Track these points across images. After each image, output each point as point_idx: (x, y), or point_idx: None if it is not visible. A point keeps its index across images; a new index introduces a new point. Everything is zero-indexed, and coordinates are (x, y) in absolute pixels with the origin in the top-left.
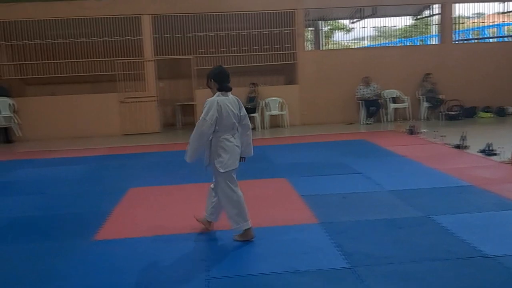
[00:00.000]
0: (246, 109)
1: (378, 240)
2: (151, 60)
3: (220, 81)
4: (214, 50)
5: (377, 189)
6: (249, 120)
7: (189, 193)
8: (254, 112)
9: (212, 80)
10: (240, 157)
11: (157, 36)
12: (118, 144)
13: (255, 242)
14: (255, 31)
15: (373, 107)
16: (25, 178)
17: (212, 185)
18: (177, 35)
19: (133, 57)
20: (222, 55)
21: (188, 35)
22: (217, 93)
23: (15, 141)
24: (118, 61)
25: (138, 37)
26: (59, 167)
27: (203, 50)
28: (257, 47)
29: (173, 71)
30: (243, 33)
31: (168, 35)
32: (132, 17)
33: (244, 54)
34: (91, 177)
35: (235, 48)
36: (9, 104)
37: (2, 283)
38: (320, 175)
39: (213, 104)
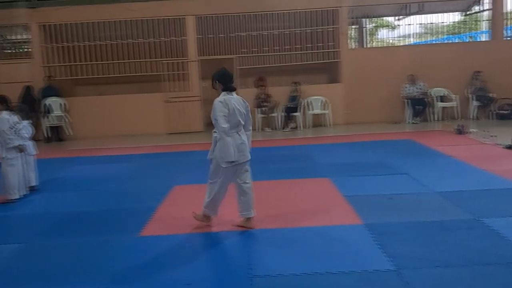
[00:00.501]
0: (289, 108)
1: (425, 243)
2: (195, 61)
3: (224, 82)
4: (256, 49)
5: (424, 190)
6: (251, 121)
7: (232, 191)
8: (296, 111)
9: (217, 81)
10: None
11: (200, 36)
12: (163, 143)
13: (298, 241)
14: (298, 30)
15: (420, 106)
16: (75, 175)
17: (239, 180)
18: (220, 35)
19: (177, 57)
20: (265, 54)
21: (231, 35)
22: (223, 93)
23: (66, 140)
24: (163, 61)
25: (182, 38)
26: (107, 164)
27: (245, 50)
28: (299, 46)
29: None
30: (286, 32)
31: (211, 36)
32: (177, 18)
33: (286, 53)
34: (138, 174)
35: (278, 47)
36: (61, 104)
37: (56, 272)
38: (364, 175)
39: (220, 103)
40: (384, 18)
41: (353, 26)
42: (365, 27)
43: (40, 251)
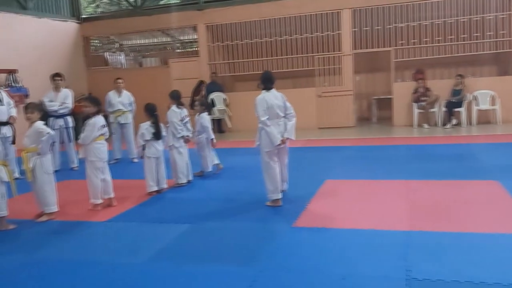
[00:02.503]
0: (451, 102)
1: None
2: (349, 54)
3: (265, 83)
4: (415, 41)
5: None
6: (293, 110)
7: (385, 189)
8: (460, 106)
9: (262, 83)
10: (286, 138)
11: (355, 29)
12: (314, 137)
13: (460, 247)
14: (464, 18)
15: None
16: (234, 165)
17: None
18: (376, 28)
19: (331, 52)
20: (424, 45)
21: (388, 26)
22: (263, 92)
23: (226, 131)
24: (316, 56)
25: (337, 32)
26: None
27: (403, 42)
28: (465, 35)
29: (370, 64)
30: (450, 21)
31: (367, 28)
32: (332, 12)
33: (448, 43)
34: (290, 167)
35: (440, 38)
36: (223, 99)
37: (217, 253)
38: None
39: (261, 100)
40: None
41: None
42: None
43: (204, 232)
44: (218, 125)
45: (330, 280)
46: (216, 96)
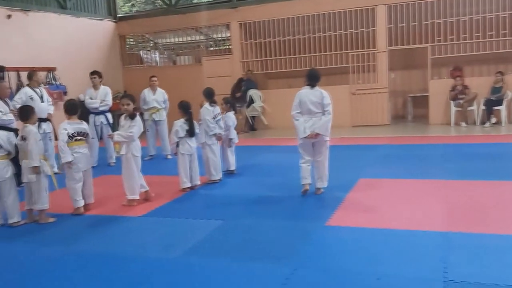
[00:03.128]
0: (490, 100)
1: None
2: (384, 51)
3: (308, 80)
4: (453, 37)
5: None
6: (330, 108)
7: (421, 189)
8: (500, 105)
9: (306, 80)
10: (315, 133)
11: (391, 26)
12: (348, 135)
13: (499, 249)
14: (504, 14)
15: None
16: (267, 162)
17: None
18: (412, 24)
19: (365, 48)
20: (462, 42)
21: (425, 22)
22: (303, 87)
23: (258, 129)
24: (351, 53)
25: (372, 28)
26: (295, 154)
27: (440, 38)
28: (506, 31)
29: (405, 61)
30: (490, 17)
31: (403, 24)
32: (367, 8)
33: (489, 39)
34: None
35: (479, 34)
36: (260, 96)
37: (249, 249)
38: None
39: (296, 95)
40: None
41: None
42: None
43: (237, 229)
44: (252, 123)
45: (364, 280)
46: (254, 92)
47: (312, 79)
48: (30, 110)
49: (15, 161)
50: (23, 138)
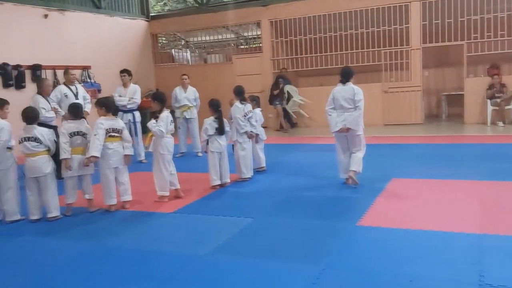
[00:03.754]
0: None
1: None
2: (418, 49)
3: (342, 76)
4: (490, 34)
5: None
6: (361, 104)
7: (455, 189)
8: None
9: (339, 77)
10: (346, 127)
11: (425, 23)
12: (380, 134)
13: None
14: None
15: None
16: (297, 160)
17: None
18: (448, 20)
19: (398, 46)
20: (500, 39)
21: (461, 19)
22: (338, 84)
23: (299, 126)
24: (383, 51)
25: (405, 25)
26: (325, 152)
27: (477, 35)
28: None
29: (440, 59)
30: None
31: (437, 21)
32: (400, 5)
33: None
34: None
35: None
36: (296, 91)
37: (279, 248)
38: None
39: (332, 92)
40: None
41: None
42: None
43: (267, 227)
44: (291, 122)
45: (396, 281)
46: (290, 88)
47: (344, 76)
48: (81, 107)
49: (54, 156)
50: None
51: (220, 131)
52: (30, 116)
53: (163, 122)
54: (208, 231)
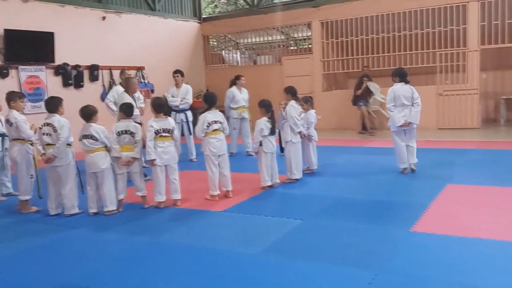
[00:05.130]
0: None
1: None
2: (476, 50)
3: (399, 76)
4: None
5: None
6: (419, 100)
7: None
8: None
9: (396, 77)
10: (408, 121)
11: (484, 23)
12: (434, 138)
13: None
14: None
15: None
16: (349, 163)
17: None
18: (508, 21)
19: (455, 47)
20: None
21: None
22: (395, 84)
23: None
24: (438, 52)
25: (462, 26)
26: (377, 156)
27: None
28: None
29: (499, 61)
30: None
31: (497, 22)
32: (457, 5)
33: None
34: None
35: None
36: (377, 88)
37: (328, 252)
38: None
39: (391, 91)
40: None
41: None
42: None
43: (317, 229)
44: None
45: None
46: (371, 84)
47: (403, 76)
48: (132, 106)
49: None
50: (130, 133)
51: (273, 131)
52: (87, 114)
53: (199, 123)
54: (257, 231)
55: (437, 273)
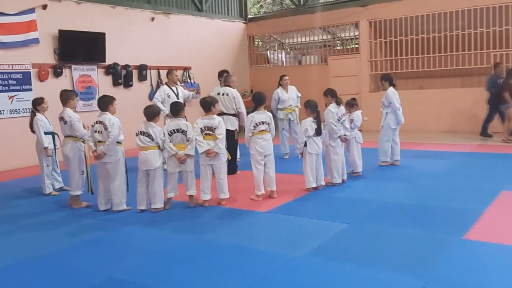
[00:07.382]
0: None
1: None
2: None
3: (391, 80)
4: None
5: None
6: None
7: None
8: None
9: (386, 81)
10: None
11: None
12: (487, 142)
13: None
14: None
15: None
16: (393, 166)
17: None
18: None
19: (510, 48)
20: None
21: None
22: (389, 88)
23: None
24: (493, 53)
25: None
26: (425, 159)
27: None
28: None
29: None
30: None
31: None
32: (509, 5)
33: None
34: (459, 173)
35: None
36: None
37: (378, 257)
38: None
39: (392, 93)
40: None
41: None
42: None
43: (363, 234)
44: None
45: None
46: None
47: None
48: (181, 106)
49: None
50: (182, 131)
51: (318, 132)
52: (149, 113)
53: (247, 123)
54: (302, 233)
55: (492, 284)
